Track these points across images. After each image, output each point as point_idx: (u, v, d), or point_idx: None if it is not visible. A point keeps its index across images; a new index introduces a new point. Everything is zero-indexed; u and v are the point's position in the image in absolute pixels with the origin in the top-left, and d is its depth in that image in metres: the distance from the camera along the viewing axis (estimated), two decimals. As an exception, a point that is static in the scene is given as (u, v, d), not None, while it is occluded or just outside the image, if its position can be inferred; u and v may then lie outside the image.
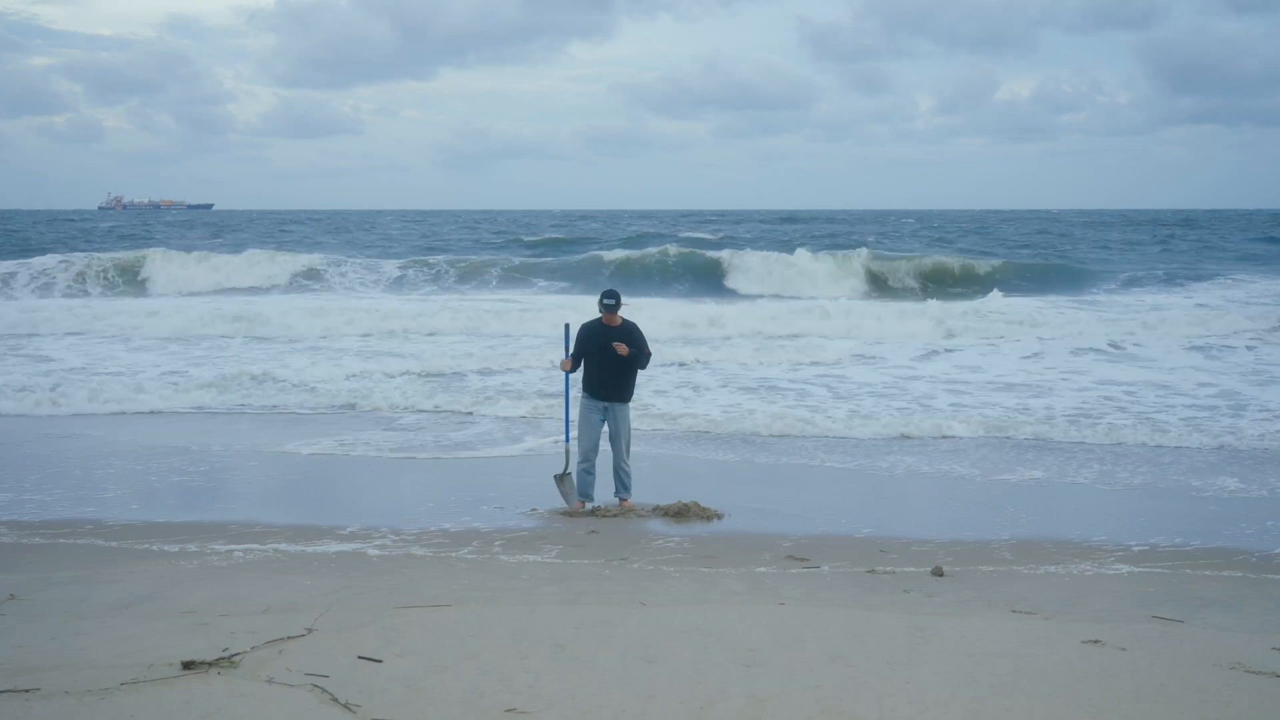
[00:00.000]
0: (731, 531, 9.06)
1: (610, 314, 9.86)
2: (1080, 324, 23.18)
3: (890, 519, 9.50)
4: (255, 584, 7.04)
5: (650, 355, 10.03)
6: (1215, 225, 76.80)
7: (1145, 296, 30.92)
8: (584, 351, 9.92)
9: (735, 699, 4.95)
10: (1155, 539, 8.79)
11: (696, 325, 23.07)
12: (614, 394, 9.92)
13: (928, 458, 11.89)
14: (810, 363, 18.62)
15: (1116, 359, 19.18)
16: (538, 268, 36.83)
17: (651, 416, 13.74)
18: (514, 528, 9.11)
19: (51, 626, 5.98)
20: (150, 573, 7.39)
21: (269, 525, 9.03)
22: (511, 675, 5.18)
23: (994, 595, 7.09)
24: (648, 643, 5.69)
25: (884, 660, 5.47)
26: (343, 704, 4.81)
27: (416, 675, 5.18)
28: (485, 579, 7.33)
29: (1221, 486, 10.61)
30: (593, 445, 9.91)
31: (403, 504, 9.83)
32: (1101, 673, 5.34)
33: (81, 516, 9.33)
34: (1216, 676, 5.31)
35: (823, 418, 13.78)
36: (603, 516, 9.56)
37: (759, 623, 6.11)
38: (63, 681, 5.01)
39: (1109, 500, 10.25)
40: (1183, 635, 6.06)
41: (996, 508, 9.92)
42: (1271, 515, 9.60)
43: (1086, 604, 6.89)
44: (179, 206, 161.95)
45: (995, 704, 4.92)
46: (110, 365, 18.18)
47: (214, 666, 5.21)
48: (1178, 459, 11.83)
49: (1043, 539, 8.80)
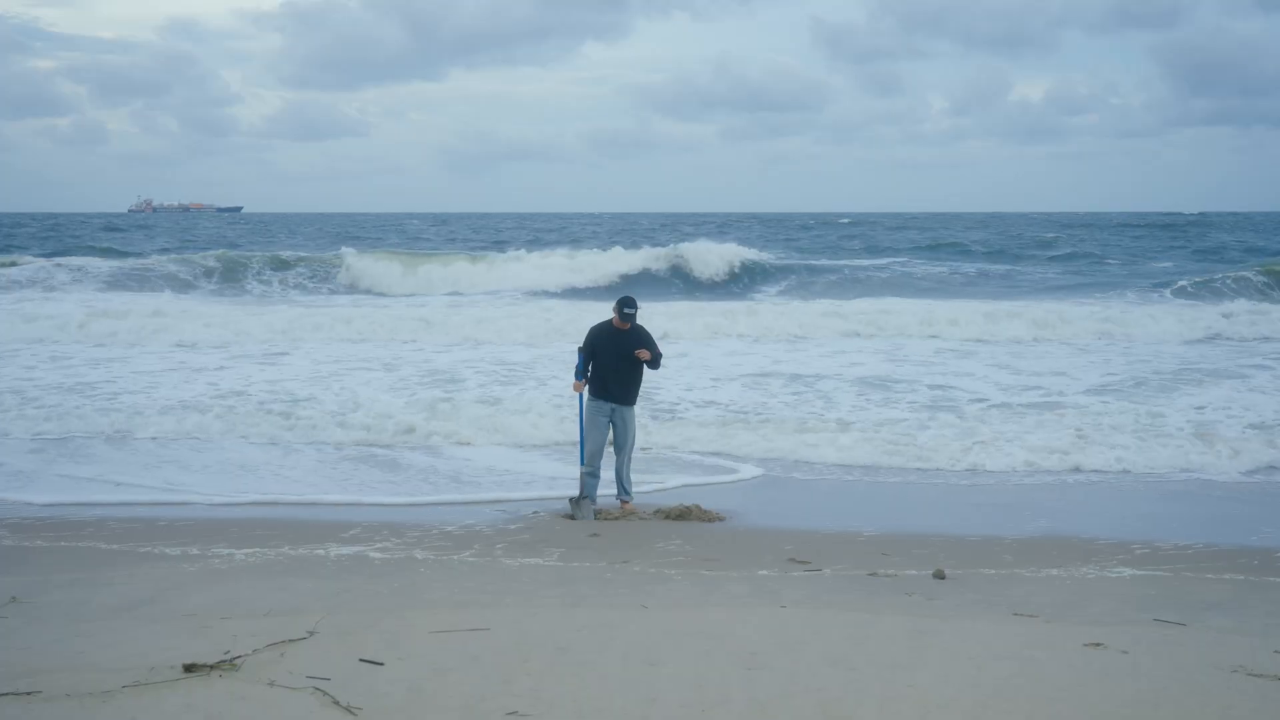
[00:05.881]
0: (733, 534, 9.06)
1: (628, 322, 9.86)
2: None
3: (891, 521, 9.50)
4: (257, 587, 7.05)
5: (661, 355, 10.06)
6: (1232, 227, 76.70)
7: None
8: (594, 354, 9.91)
9: (737, 702, 4.95)
10: (1157, 541, 8.79)
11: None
12: (622, 396, 9.92)
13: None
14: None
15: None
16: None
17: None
18: (515, 531, 9.11)
19: (53, 629, 5.99)
20: (152, 575, 7.40)
21: (271, 528, 9.04)
22: (513, 678, 5.18)
23: (996, 598, 7.09)
24: (649, 646, 5.69)
25: (886, 663, 5.46)
26: (344, 707, 4.82)
27: (418, 678, 5.18)
28: (487, 582, 7.33)
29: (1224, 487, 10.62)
30: (598, 448, 9.91)
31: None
32: (1103, 676, 5.33)
33: (83, 518, 9.35)
34: (1218, 679, 5.30)
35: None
36: (604, 519, 9.56)
37: (761, 626, 6.11)
38: (64, 684, 5.02)
39: (1110, 501, 10.26)
40: (1184, 638, 6.05)
41: (997, 509, 9.93)
42: (1272, 516, 9.60)
43: (1088, 607, 6.88)
44: (209, 210, 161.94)
45: (997, 707, 4.92)
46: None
47: (215, 669, 5.22)
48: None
49: (1045, 541, 8.80)
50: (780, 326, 22.91)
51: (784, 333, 22.43)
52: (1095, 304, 27.82)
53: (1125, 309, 25.99)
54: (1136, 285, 33.28)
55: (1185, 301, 29.18)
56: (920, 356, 19.16)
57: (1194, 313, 24.34)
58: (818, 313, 24.11)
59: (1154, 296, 30.71)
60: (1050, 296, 30.41)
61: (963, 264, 41.34)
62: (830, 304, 25.95)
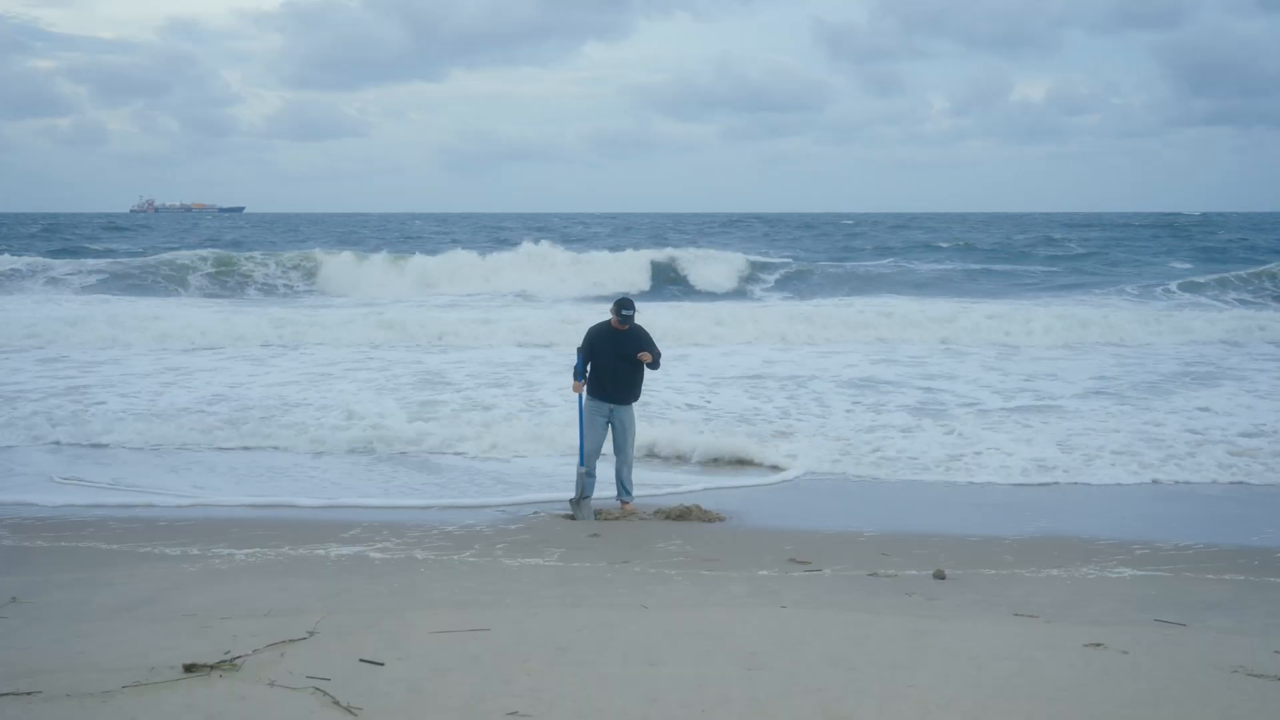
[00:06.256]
0: (733, 534, 9.06)
1: (626, 323, 9.85)
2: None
3: (892, 521, 9.50)
4: (257, 587, 7.05)
5: (660, 354, 10.05)
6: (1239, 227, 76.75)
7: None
8: (592, 354, 9.91)
9: (737, 702, 4.95)
10: (1157, 542, 8.79)
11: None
12: (621, 396, 9.91)
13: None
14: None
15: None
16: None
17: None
18: (516, 531, 9.11)
19: (53, 629, 5.99)
20: (152, 575, 7.40)
21: (271, 528, 9.04)
22: (513, 678, 5.18)
23: (996, 598, 7.09)
24: (649, 646, 5.69)
25: (886, 663, 5.46)
26: (344, 707, 4.82)
27: (418, 678, 5.18)
28: (487, 582, 7.33)
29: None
30: (596, 448, 9.90)
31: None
32: (1103, 676, 5.33)
33: (83, 519, 9.35)
34: (1218, 680, 5.30)
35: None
36: (604, 519, 9.56)
37: (761, 626, 6.10)
38: (64, 684, 5.02)
39: (1110, 501, 10.25)
40: (1185, 638, 6.05)
41: (997, 510, 9.93)
42: (1272, 516, 9.60)
43: (1088, 607, 6.88)
44: (211, 210, 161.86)
45: (997, 707, 4.92)
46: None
47: (215, 669, 5.22)
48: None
49: (1045, 541, 8.80)
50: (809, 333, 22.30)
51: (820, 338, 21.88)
52: (1131, 306, 28.04)
53: (1168, 312, 26.27)
54: (1161, 284, 33.40)
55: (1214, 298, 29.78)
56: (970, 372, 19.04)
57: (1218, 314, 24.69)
58: (839, 319, 23.49)
59: (1188, 298, 31.00)
60: (1065, 296, 30.72)
61: (968, 264, 41.41)
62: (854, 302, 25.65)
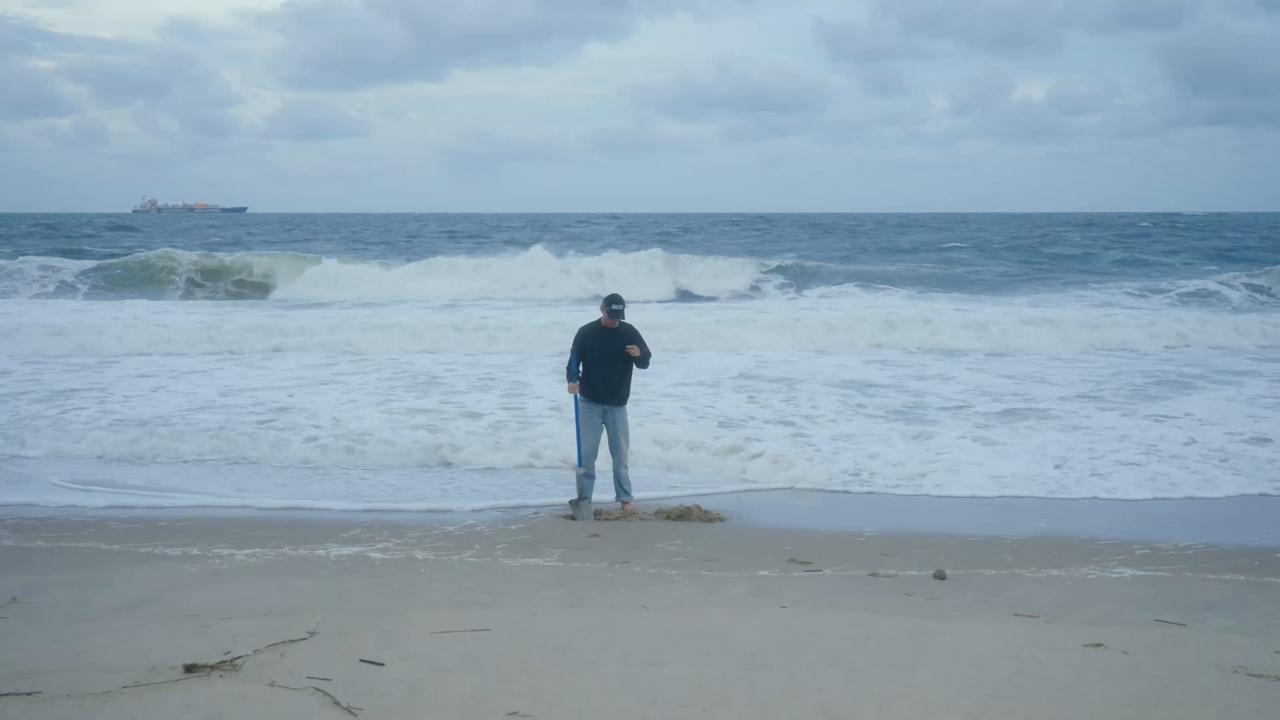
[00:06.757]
0: (733, 534, 9.06)
1: (616, 319, 9.85)
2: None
3: (892, 521, 9.50)
4: (257, 587, 7.05)
5: (650, 354, 10.05)
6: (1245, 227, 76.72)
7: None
8: (584, 354, 9.91)
9: (737, 702, 4.95)
10: (1157, 541, 8.79)
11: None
12: (613, 396, 9.91)
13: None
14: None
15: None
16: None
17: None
18: (516, 531, 9.11)
19: (53, 629, 5.99)
20: (152, 576, 7.40)
21: (271, 528, 9.04)
22: (513, 678, 5.19)
23: (996, 598, 7.09)
24: (649, 646, 5.69)
25: (886, 663, 5.46)
26: (345, 707, 4.82)
27: (418, 678, 5.18)
28: (487, 582, 7.33)
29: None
30: (593, 448, 9.90)
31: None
32: (1103, 676, 5.33)
33: (83, 519, 9.35)
34: (1219, 680, 5.30)
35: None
36: (604, 519, 9.56)
37: (761, 626, 6.10)
38: (64, 684, 5.02)
39: (1110, 502, 10.25)
40: (1185, 638, 6.05)
41: (997, 510, 9.93)
42: (1272, 517, 9.60)
43: (1088, 607, 6.88)
44: (213, 210, 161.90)
45: (997, 707, 4.92)
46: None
47: (216, 669, 5.22)
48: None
49: (1045, 541, 8.80)
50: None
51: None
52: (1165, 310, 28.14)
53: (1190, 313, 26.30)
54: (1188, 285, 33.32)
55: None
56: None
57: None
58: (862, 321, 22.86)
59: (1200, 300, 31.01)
60: (1077, 296, 30.78)
61: (978, 264, 41.42)
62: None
